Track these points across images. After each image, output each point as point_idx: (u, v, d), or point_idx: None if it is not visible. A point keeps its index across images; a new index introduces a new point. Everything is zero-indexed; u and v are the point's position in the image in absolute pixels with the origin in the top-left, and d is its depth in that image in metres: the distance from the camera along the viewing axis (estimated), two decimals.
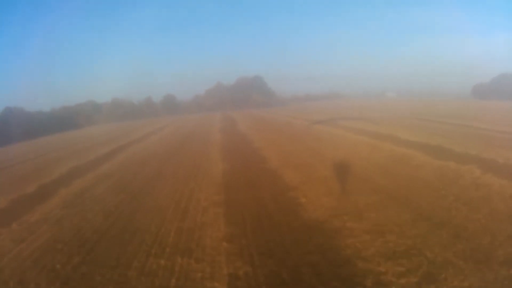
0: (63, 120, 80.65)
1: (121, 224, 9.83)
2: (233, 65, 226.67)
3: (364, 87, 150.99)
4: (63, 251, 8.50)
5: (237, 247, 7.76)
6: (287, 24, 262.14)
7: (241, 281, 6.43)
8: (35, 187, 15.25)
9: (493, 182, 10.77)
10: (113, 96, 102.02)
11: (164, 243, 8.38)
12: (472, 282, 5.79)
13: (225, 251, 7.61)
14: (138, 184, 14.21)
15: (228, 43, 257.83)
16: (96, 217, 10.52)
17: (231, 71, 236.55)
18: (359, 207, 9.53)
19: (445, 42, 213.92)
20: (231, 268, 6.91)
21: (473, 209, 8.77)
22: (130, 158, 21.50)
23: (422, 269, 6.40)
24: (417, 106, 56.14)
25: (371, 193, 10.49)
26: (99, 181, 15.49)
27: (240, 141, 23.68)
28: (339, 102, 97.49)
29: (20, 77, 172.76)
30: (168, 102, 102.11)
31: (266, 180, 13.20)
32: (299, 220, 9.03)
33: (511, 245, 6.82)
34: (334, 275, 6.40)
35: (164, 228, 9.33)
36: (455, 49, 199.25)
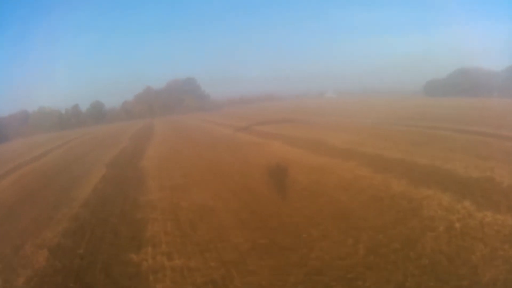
0: None
1: None
2: (165, 68, 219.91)
3: (303, 88, 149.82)
4: None
5: None
6: (221, 24, 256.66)
7: None
8: None
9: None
10: (39, 105, 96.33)
11: None
12: None
13: None
14: None
15: (160, 44, 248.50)
16: None
17: (164, 74, 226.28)
18: None
19: (398, 39, 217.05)
20: None
21: None
22: None
23: None
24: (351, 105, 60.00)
25: None
26: None
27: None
28: (273, 104, 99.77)
29: None
30: (96, 110, 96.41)
31: None
32: None
33: None
34: None
35: None
36: (409, 45, 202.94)
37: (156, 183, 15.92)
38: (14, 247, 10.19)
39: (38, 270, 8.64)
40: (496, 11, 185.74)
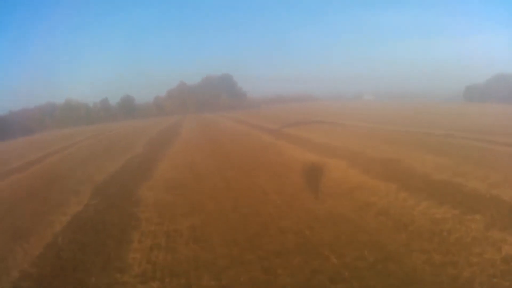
0: (13, 125, 74.40)
1: None
2: (200, 64, 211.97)
3: (341, 89, 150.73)
4: None
5: None
6: (260, 22, 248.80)
7: None
8: None
9: None
10: (66, 98, 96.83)
11: None
12: None
13: None
14: None
15: (196, 40, 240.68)
16: None
17: (198, 71, 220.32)
18: None
19: (434, 43, 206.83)
20: None
21: None
22: None
23: None
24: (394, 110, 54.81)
25: None
26: None
27: None
28: (310, 105, 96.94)
29: None
30: (126, 104, 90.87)
31: None
32: None
33: None
34: None
35: None
36: (445, 49, 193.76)
37: (142, 247, 8.99)
38: None
39: None
40: None
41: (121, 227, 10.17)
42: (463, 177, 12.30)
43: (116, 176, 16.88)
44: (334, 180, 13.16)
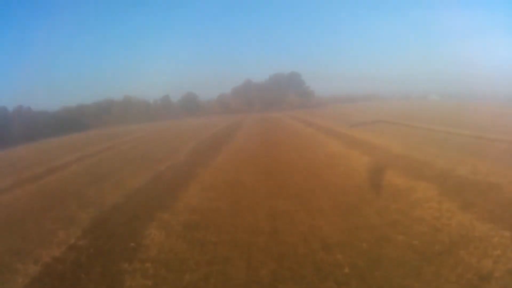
0: (68, 121, 76.14)
1: None
2: (265, 62, 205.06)
3: (406, 88, 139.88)
4: None
5: None
6: (326, 19, 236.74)
7: None
8: None
9: None
10: (125, 95, 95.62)
11: None
12: None
13: None
14: None
15: (262, 38, 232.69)
16: None
17: (263, 69, 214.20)
18: None
19: (502, 42, 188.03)
20: None
21: None
22: None
23: None
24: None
25: None
26: None
27: None
28: (378, 105, 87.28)
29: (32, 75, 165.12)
30: (188, 101, 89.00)
31: None
32: None
33: None
34: None
35: None
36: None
37: None
38: None
39: None
40: None
41: None
42: None
43: (132, 199, 12.79)
44: (442, 230, 8.14)
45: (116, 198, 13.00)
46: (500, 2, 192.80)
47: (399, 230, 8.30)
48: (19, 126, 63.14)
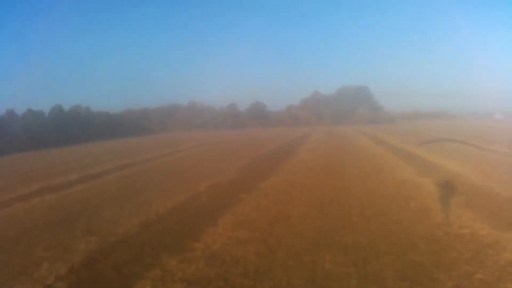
0: (131, 124, 77.41)
1: None
2: (332, 73, 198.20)
3: (472, 106, 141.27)
4: None
5: None
6: (396, 32, 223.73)
7: None
8: None
9: None
10: (190, 100, 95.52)
11: None
12: None
13: None
14: None
15: (328, 48, 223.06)
16: None
17: (330, 80, 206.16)
18: None
19: None
20: None
21: None
22: None
23: None
24: None
25: None
26: None
27: None
28: (448, 122, 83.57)
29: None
30: (256, 111, 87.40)
31: None
32: None
33: None
34: None
35: None
36: None
37: None
38: None
39: None
40: None
41: None
42: None
43: (146, 230, 10.13)
44: None
45: (129, 226, 10.46)
46: None
47: None
48: (76, 126, 63.67)
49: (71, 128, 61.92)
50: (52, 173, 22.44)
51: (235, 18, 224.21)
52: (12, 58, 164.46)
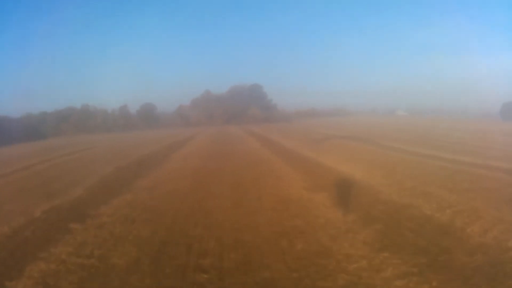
0: (29, 129, 69.65)
1: None
2: (225, 73, 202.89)
3: (373, 103, 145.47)
4: None
5: None
6: (288, 32, 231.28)
7: None
8: None
9: None
10: (83, 103, 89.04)
11: None
12: None
13: None
14: None
15: (220, 47, 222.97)
16: None
17: (226, 80, 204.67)
18: None
19: (467, 59, 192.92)
20: None
21: None
22: None
23: None
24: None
25: None
26: None
27: None
28: (346, 120, 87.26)
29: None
30: (146, 113, 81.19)
31: None
32: None
33: None
34: None
35: None
36: (479, 66, 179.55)
37: None
38: None
39: None
40: None
41: None
42: None
43: None
44: None
45: None
46: (470, 20, 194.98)
47: None
48: None
49: None
50: None
51: (125, 19, 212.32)
52: None
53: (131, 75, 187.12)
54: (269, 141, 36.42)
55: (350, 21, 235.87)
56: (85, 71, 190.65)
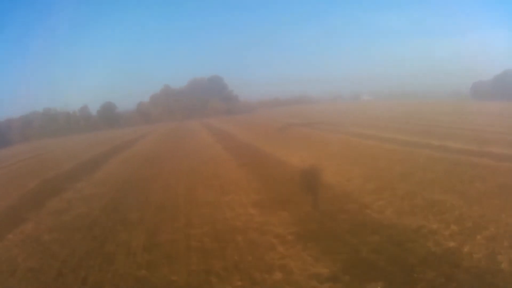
0: None
1: None
2: (186, 66, 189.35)
3: (340, 90, 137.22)
4: None
5: None
6: (248, 21, 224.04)
7: None
8: None
9: None
10: (45, 107, 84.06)
11: None
12: None
13: None
14: None
15: (180, 39, 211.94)
16: None
17: (184, 73, 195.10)
18: None
19: (434, 42, 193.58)
20: None
21: None
22: None
23: None
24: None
25: None
26: None
27: None
28: (310, 107, 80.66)
29: None
30: (107, 112, 75.20)
31: None
32: None
33: None
34: None
35: None
36: (446, 48, 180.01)
37: None
38: None
39: None
40: None
41: None
42: None
43: None
44: None
45: None
46: (434, 4, 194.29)
47: None
48: None
49: None
50: None
51: (81, 18, 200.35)
52: None
53: (92, 74, 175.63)
54: (224, 135, 32.55)
55: (311, 7, 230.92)
56: (47, 73, 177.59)
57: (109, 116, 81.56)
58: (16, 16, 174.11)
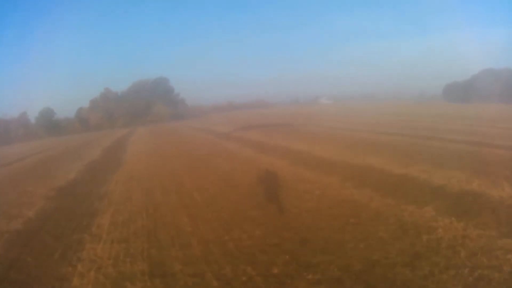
0: None
1: None
2: (130, 68, 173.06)
3: (297, 92, 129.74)
4: None
5: None
6: (199, 23, 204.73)
7: None
8: None
9: None
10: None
11: None
12: None
13: None
14: None
15: (124, 41, 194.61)
16: None
17: (129, 75, 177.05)
18: None
19: (400, 44, 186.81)
20: None
21: None
22: None
23: None
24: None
25: None
26: None
27: None
28: (264, 112, 74.03)
29: None
30: (46, 119, 73.81)
31: None
32: None
33: None
34: None
35: None
36: (413, 50, 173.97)
37: None
38: None
39: None
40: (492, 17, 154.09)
41: None
42: None
43: None
44: None
45: None
46: (394, 5, 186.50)
47: None
48: None
49: None
50: None
51: (19, 20, 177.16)
52: None
53: (32, 78, 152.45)
54: (154, 151, 24.83)
55: (268, 8, 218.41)
56: None
57: (47, 124, 71.60)
58: None
